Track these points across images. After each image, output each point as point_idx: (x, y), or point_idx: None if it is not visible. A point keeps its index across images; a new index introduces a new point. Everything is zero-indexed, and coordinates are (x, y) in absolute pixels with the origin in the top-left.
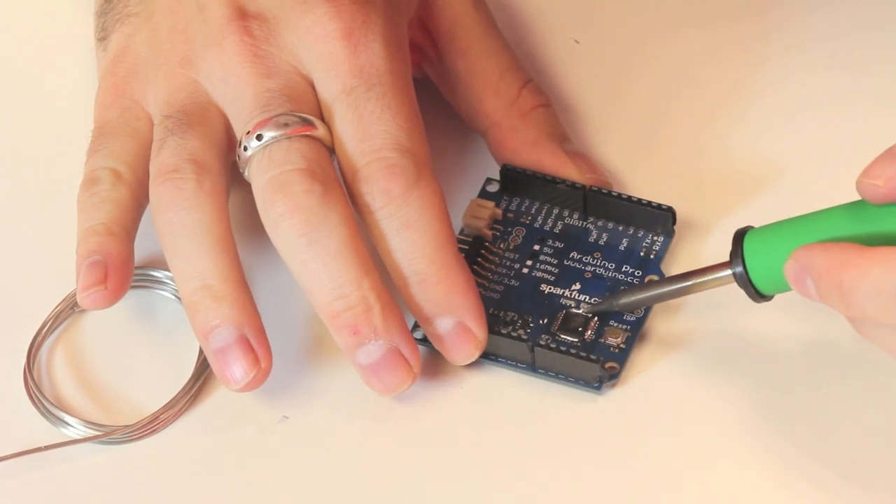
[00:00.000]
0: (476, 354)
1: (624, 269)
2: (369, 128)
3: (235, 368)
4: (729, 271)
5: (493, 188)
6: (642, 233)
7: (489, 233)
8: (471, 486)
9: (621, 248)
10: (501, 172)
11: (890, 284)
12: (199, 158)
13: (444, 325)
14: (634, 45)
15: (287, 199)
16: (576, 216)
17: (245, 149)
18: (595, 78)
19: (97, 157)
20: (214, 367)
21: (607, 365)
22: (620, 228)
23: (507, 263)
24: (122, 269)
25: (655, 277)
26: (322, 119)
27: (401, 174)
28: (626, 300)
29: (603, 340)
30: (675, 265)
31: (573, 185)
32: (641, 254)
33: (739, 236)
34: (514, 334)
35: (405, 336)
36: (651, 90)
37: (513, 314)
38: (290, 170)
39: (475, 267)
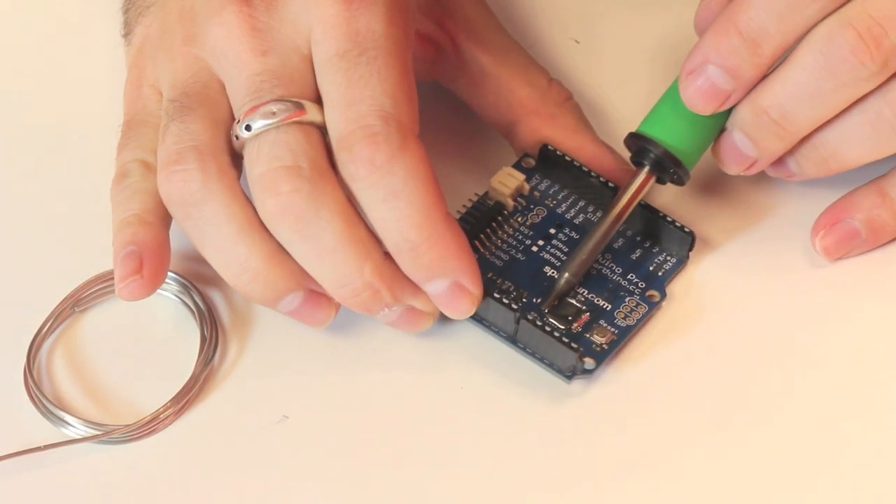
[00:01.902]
0: (473, 309)
1: (629, 277)
2: (356, 93)
3: (315, 319)
4: (647, 167)
5: (528, 164)
6: (657, 249)
7: (511, 203)
8: (470, 485)
9: (633, 256)
10: (540, 151)
11: None
12: (201, 143)
13: (438, 287)
14: (634, 45)
15: (276, 199)
16: (598, 214)
17: (236, 137)
18: (595, 78)
19: (126, 152)
20: (296, 319)
21: (584, 358)
22: (638, 238)
23: (519, 237)
24: (157, 255)
25: (656, 293)
26: (315, 98)
27: (383, 143)
28: (574, 265)
29: (588, 336)
30: (679, 286)
31: (606, 183)
32: (650, 268)
33: (635, 135)
34: (504, 301)
35: (417, 295)
36: (651, 91)
37: (510, 284)
38: (276, 167)
39: (486, 230)
